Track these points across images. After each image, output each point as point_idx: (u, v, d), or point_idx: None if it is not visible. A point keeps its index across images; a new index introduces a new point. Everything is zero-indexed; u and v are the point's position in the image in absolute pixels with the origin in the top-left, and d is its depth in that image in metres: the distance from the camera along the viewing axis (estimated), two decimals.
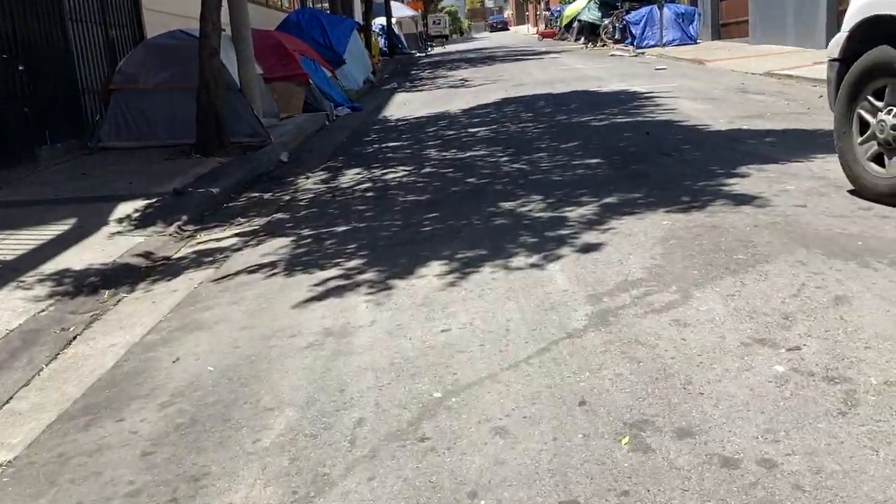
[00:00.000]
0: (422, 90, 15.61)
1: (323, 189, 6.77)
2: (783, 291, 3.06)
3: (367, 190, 6.46)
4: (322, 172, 7.65)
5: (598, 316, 3.03)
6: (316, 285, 3.98)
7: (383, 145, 8.88)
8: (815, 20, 15.60)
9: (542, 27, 48.53)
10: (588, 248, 3.96)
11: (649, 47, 21.95)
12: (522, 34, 59.58)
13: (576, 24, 33.24)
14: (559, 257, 3.89)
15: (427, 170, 7.03)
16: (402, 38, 35.91)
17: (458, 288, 3.62)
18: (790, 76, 11.48)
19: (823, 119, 7.37)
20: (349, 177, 7.19)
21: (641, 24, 22.74)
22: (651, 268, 3.52)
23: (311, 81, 12.39)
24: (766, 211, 4.25)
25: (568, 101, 10.88)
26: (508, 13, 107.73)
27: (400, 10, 38.52)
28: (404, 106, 12.95)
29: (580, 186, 5.50)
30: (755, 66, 13.41)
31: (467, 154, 7.58)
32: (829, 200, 4.35)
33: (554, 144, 7.53)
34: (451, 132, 9.23)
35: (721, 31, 22.58)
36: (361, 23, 25.13)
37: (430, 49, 39.18)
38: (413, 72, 21.75)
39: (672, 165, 5.83)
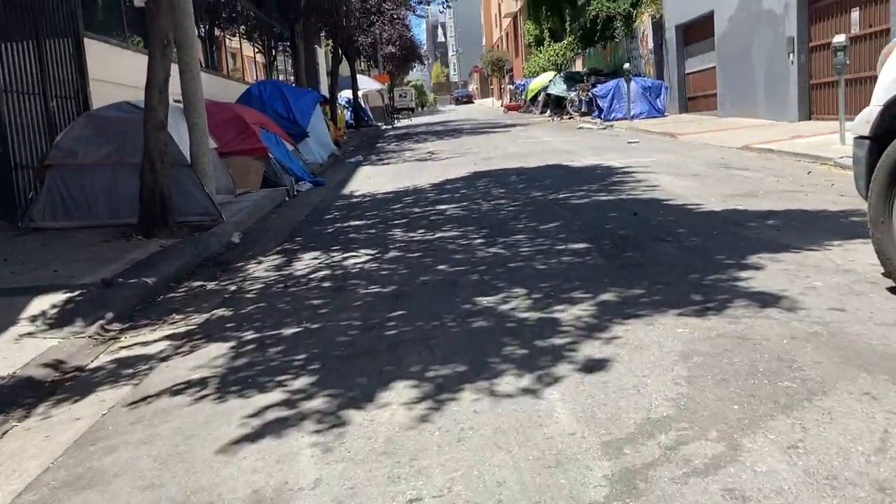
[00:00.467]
0: (388, 163, 15.04)
1: (275, 277, 5.97)
2: (862, 443, 2.32)
3: (324, 279, 5.67)
4: (276, 256, 6.86)
5: (621, 480, 2.24)
6: (251, 416, 3.15)
7: (345, 224, 8.14)
8: (785, 94, 15.48)
9: (507, 100, 49.01)
10: (592, 367, 3.20)
11: (617, 120, 21.84)
12: (487, 107, 60.27)
13: (541, 97, 33.47)
14: (557, 379, 3.12)
15: (392, 254, 6.29)
16: (369, 111, 35.75)
17: (431, 425, 2.82)
18: (770, 150, 11.09)
19: (823, 198, 6.83)
20: (305, 262, 6.41)
21: (608, 97, 22.68)
22: (678, 399, 2.77)
23: (270, 156, 11.72)
24: (799, 317, 3.55)
25: (542, 176, 10.31)
26: (473, 87, 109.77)
27: (366, 84, 38.51)
28: (369, 180, 12.31)
29: (569, 278, 4.79)
30: (730, 140, 13.08)
31: (437, 235, 6.87)
32: (871, 303, 3.67)
33: (532, 225, 6.86)
34: (418, 210, 8.55)
35: (689, 104, 22.60)
36: (326, 95, 24.81)
37: (396, 122, 39.09)
38: (379, 144, 21.28)
39: (671, 253, 5.16)
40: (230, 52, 23.57)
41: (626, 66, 21.87)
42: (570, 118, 25.93)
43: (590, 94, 25.92)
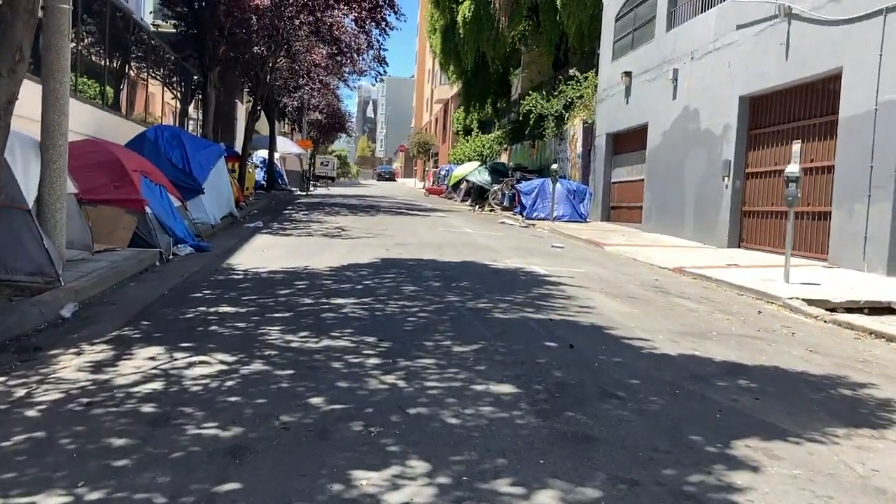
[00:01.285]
0: (290, 234, 13.45)
1: (85, 383, 4.29)
2: None
3: (148, 398, 4.04)
4: (105, 347, 5.16)
5: None
6: None
7: (212, 309, 6.50)
8: (716, 217, 14.93)
9: (429, 183, 48.40)
10: None
11: (539, 219, 21.05)
12: (409, 187, 59.63)
13: (464, 186, 32.77)
14: None
15: (256, 366, 4.71)
16: (284, 175, 34.19)
17: None
18: (706, 277, 10.16)
19: (791, 353, 5.70)
20: (138, 362, 4.75)
21: (533, 195, 21.96)
22: None
23: (147, 210, 9.99)
24: None
25: (461, 275, 8.97)
26: (397, 165, 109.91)
27: (286, 146, 37.05)
28: (262, 253, 10.69)
29: (491, 450, 3.35)
30: (659, 258, 12.20)
31: (322, 343, 5.34)
32: None
33: (446, 344, 5.43)
34: (309, 301, 7.01)
35: (612, 213, 22.13)
36: (238, 151, 23.15)
37: (312, 189, 37.60)
38: (287, 211, 19.68)
39: (629, 422, 3.81)
40: (149, 94, 21.80)
41: (554, 166, 21.29)
42: (491, 210, 25.09)
43: (514, 189, 25.28)
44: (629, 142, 20.94)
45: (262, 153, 31.80)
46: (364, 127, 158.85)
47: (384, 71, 26.35)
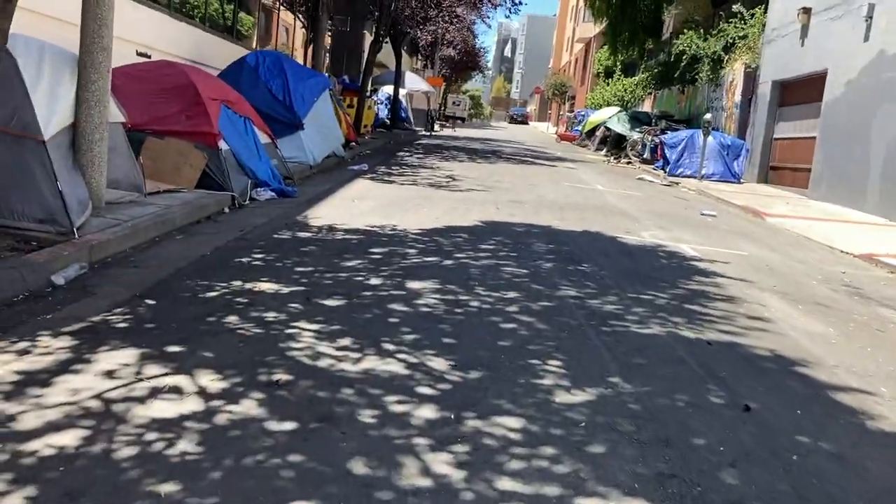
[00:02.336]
0: (392, 182, 11.81)
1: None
2: None
3: (37, 467, 2.45)
4: (61, 345, 3.67)
5: None
6: None
7: (247, 286, 4.92)
8: None
9: (562, 129, 45.65)
10: None
11: (684, 177, 18.40)
12: (541, 131, 56.91)
13: (600, 133, 30.13)
14: None
15: (242, 409, 3.05)
16: (409, 112, 32.65)
17: None
18: None
19: None
20: (80, 382, 3.21)
21: (679, 148, 19.23)
22: None
23: (222, 146, 8.56)
24: None
25: (581, 252, 6.99)
26: (531, 108, 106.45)
27: (415, 83, 35.44)
28: (351, 204, 9.09)
29: None
30: (840, 239, 9.64)
31: (362, 365, 3.62)
32: None
33: (545, 384, 3.56)
34: (377, 281, 5.30)
35: (770, 174, 19.09)
36: (353, 82, 21.68)
37: (437, 129, 35.95)
38: (401, 153, 18.08)
39: None
40: (283, 26, 20.68)
41: (707, 116, 18.44)
42: (628, 163, 22.52)
43: (657, 139, 22.55)
44: (800, 92, 17.75)
45: (388, 89, 30.35)
46: (501, 67, 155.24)
47: (520, 1, 23.94)
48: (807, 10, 17.03)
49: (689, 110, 26.37)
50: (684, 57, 23.47)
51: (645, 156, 22.53)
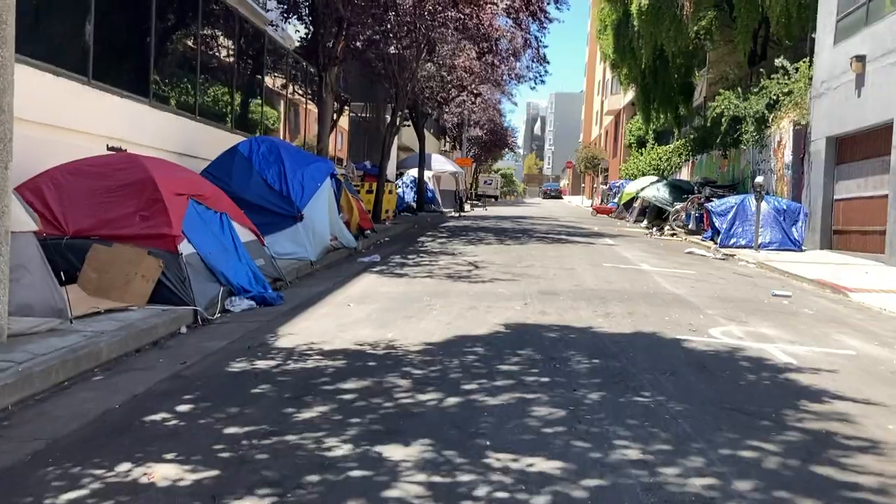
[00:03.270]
0: (404, 275, 10.17)
1: None
2: None
3: None
4: None
5: None
6: None
7: (130, 476, 3.22)
8: None
9: (597, 201, 44.10)
10: None
11: (738, 247, 16.51)
12: (575, 205, 55.41)
13: (637, 203, 28.44)
14: None
15: None
16: (437, 194, 31.42)
17: None
18: None
19: None
20: None
21: (729, 216, 17.38)
22: None
23: (181, 249, 7.04)
24: None
25: (640, 373, 5.16)
26: (564, 182, 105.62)
27: (441, 164, 34.38)
28: (346, 310, 7.43)
29: None
30: None
31: None
32: None
33: None
34: (338, 448, 3.56)
35: (834, 238, 17.08)
36: (375, 167, 20.42)
37: (468, 209, 34.62)
38: (423, 238, 16.53)
39: None
40: (283, 106, 19.74)
41: (759, 179, 16.65)
42: (672, 234, 20.69)
43: (702, 208, 20.77)
44: (861, 146, 15.94)
45: (414, 172, 29.23)
46: (532, 145, 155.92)
47: (545, 71, 22.81)
48: (860, 59, 15.40)
49: (732, 175, 24.60)
50: (723, 119, 21.87)
51: (690, 226, 20.71)
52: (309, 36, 13.35)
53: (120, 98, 10.08)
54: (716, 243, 17.38)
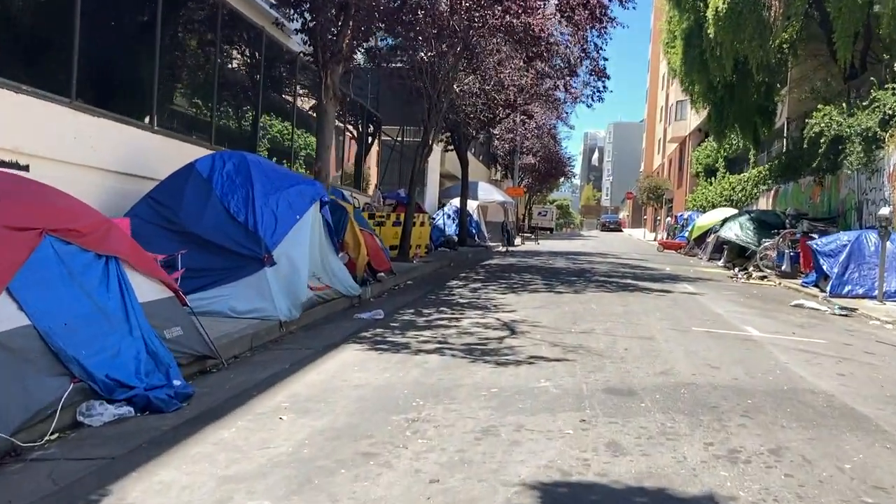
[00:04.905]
0: (403, 347, 7.00)
1: None
2: None
3: None
4: None
5: None
6: None
7: None
8: None
9: (662, 235, 40.32)
10: None
11: (854, 297, 12.91)
12: (637, 239, 51.53)
13: (711, 238, 24.81)
14: None
15: None
16: (482, 226, 28.27)
17: None
18: None
19: None
20: None
21: (842, 258, 13.76)
22: None
23: None
24: None
25: None
26: (624, 214, 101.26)
27: (489, 194, 31.29)
28: (262, 436, 4.31)
29: None
30: None
31: None
32: None
33: None
34: None
35: None
36: (406, 195, 17.39)
37: (515, 244, 31.35)
38: (453, 283, 13.37)
39: None
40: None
41: (885, 211, 13.01)
42: (763, 278, 17.07)
43: (796, 245, 17.15)
44: None
45: (457, 202, 26.18)
46: (589, 175, 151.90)
47: (604, 87, 19.54)
48: None
49: (829, 206, 20.82)
50: (822, 140, 18.22)
51: (784, 267, 17.05)
52: (306, 27, 10.45)
53: (19, 95, 7.30)
54: (822, 291, 13.78)
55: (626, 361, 6.47)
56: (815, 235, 16.22)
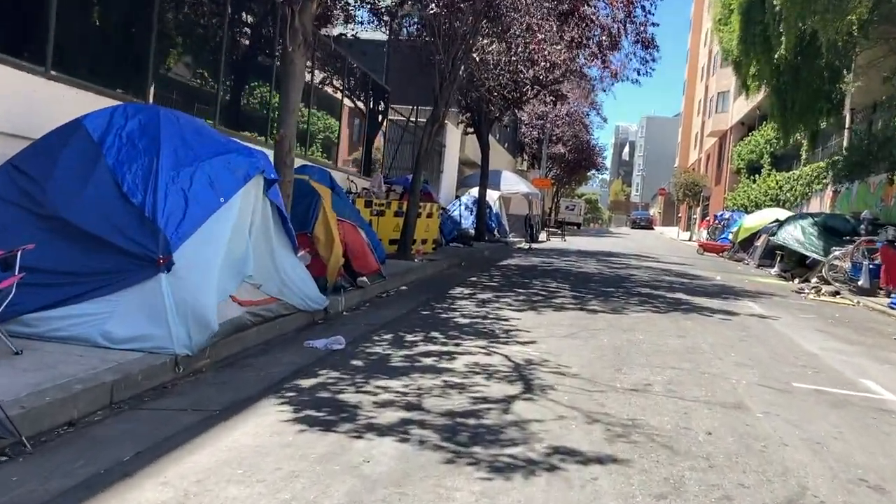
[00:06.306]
0: (343, 422, 4.36)
1: None
2: None
3: None
4: None
5: None
6: None
7: None
8: None
9: (701, 235, 37.29)
10: None
11: None
12: (670, 238, 48.45)
13: (760, 242, 21.95)
14: None
15: None
16: (504, 219, 25.56)
17: None
18: None
19: None
20: None
21: None
22: None
23: None
24: None
25: None
26: (654, 211, 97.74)
27: (512, 184, 28.54)
28: None
29: None
30: None
31: None
32: None
33: None
34: None
35: None
36: (425, 184, 14.73)
37: (540, 239, 28.61)
38: (457, 290, 10.73)
39: None
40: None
41: None
42: (835, 294, 14.22)
43: (875, 254, 14.30)
44: None
45: (476, 191, 23.48)
46: (619, 170, 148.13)
47: (652, 58, 16.69)
48: None
49: None
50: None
51: (861, 282, 14.18)
52: None
53: None
54: None
55: (717, 466, 3.79)
56: None
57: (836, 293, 14.24)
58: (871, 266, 14.20)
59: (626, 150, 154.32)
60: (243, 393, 4.73)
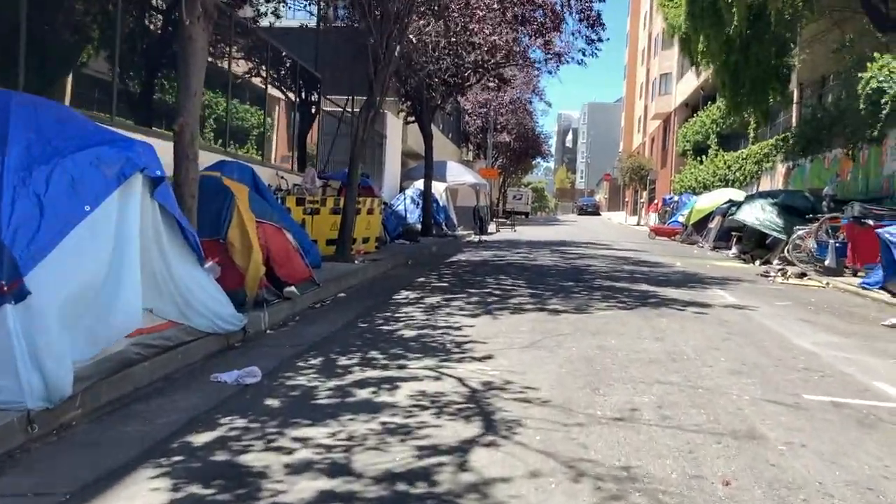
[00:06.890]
0: (262, 476, 3.27)
1: None
2: None
3: None
4: None
5: None
6: None
7: None
8: None
9: (653, 220, 36.83)
10: None
11: None
12: (618, 223, 48.14)
13: (714, 223, 21.45)
14: None
15: None
16: (451, 212, 24.50)
17: None
18: None
19: None
20: None
21: None
22: None
23: None
24: None
25: None
26: (600, 196, 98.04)
27: (458, 174, 27.48)
28: None
29: None
30: None
31: None
32: None
33: None
34: None
35: None
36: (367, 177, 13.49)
37: (489, 231, 27.67)
38: (402, 294, 9.59)
39: None
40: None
41: None
42: (802, 276, 13.52)
43: (837, 233, 13.67)
44: None
45: (421, 184, 22.35)
46: (563, 158, 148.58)
47: (598, 37, 15.77)
48: None
49: (864, 184, 17.41)
50: (884, 99, 14.51)
51: (828, 262, 13.51)
52: None
53: None
54: (885, 291, 10.30)
55: None
56: (870, 221, 12.69)
57: (803, 275, 13.56)
58: (836, 245, 13.55)
59: (570, 137, 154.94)
60: (115, 459, 3.54)
